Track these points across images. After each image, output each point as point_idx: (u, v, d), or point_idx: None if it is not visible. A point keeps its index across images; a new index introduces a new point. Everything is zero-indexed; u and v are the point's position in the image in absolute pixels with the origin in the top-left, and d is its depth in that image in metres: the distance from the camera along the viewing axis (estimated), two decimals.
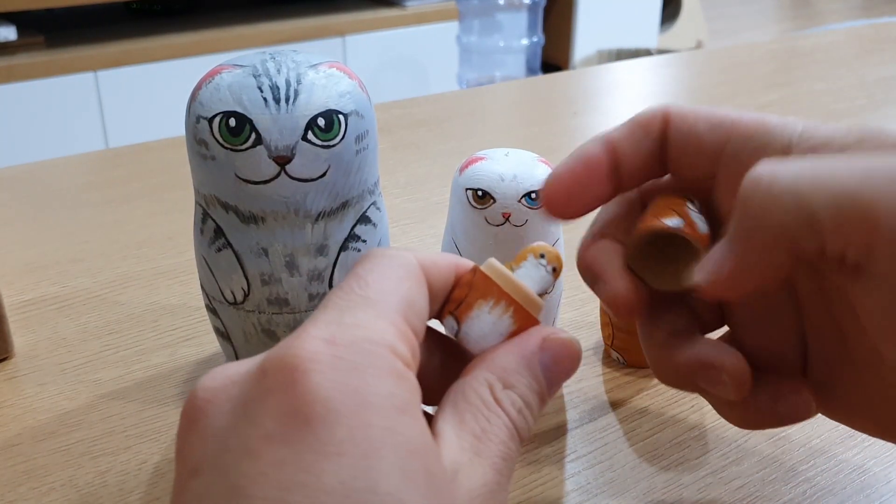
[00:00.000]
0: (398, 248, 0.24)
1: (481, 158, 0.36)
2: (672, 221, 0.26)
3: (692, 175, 0.28)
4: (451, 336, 0.24)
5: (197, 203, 0.35)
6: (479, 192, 0.35)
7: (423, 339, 0.23)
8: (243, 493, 0.19)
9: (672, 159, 0.28)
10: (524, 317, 0.24)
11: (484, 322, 0.24)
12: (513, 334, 0.24)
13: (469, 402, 0.22)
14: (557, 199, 0.28)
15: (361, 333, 0.21)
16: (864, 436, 0.36)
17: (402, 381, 0.21)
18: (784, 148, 0.25)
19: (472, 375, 0.23)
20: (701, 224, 0.26)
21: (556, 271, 0.25)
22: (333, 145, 0.32)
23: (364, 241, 0.35)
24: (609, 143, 0.28)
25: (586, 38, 2.58)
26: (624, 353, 0.41)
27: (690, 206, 0.27)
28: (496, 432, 0.22)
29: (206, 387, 0.21)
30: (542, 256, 0.25)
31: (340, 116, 0.32)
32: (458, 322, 0.24)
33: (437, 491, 0.20)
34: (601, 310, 0.42)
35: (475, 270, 0.25)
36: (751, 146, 0.26)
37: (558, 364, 0.24)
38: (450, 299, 0.24)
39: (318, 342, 0.20)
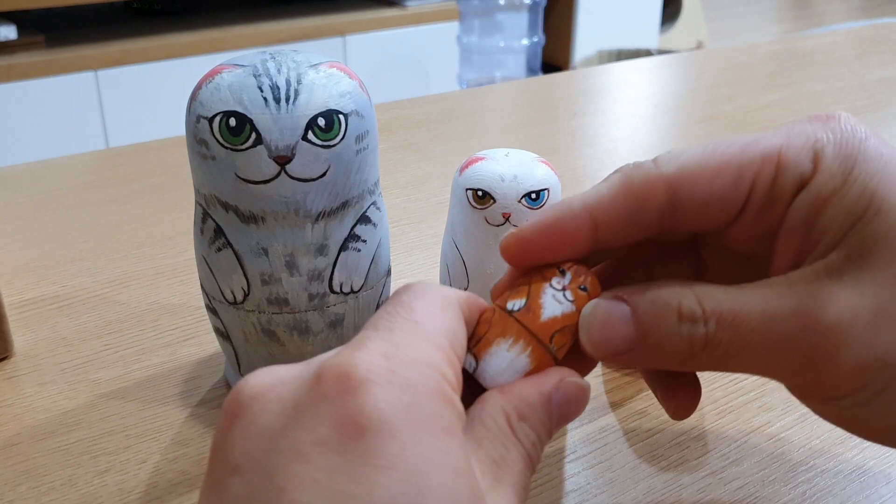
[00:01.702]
0: (436, 283, 0.24)
1: (481, 159, 0.36)
2: (514, 303, 0.25)
3: (702, 229, 0.26)
4: (469, 372, 0.25)
5: (197, 203, 0.35)
6: (480, 193, 0.35)
7: None
8: (289, 496, 0.19)
9: (682, 222, 0.25)
10: (542, 357, 0.24)
11: (502, 359, 0.24)
12: (529, 374, 0.24)
13: (487, 427, 0.23)
14: (518, 258, 0.26)
15: (413, 354, 0.21)
16: None
17: (449, 404, 0.21)
18: (798, 184, 0.24)
19: (490, 403, 0.23)
20: (550, 307, 0.25)
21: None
22: (333, 145, 0.32)
23: (364, 240, 0.35)
24: (592, 212, 0.25)
25: (586, 38, 2.58)
26: None
27: (556, 281, 0.25)
28: (514, 460, 0.22)
29: (253, 384, 0.21)
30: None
31: (341, 116, 0.32)
32: (476, 359, 0.24)
33: None
34: None
35: (495, 309, 0.25)
36: (773, 193, 0.25)
37: (569, 405, 0.24)
38: (471, 336, 0.25)
39: (375, 355, 0.21)
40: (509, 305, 0.25)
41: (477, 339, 0.25)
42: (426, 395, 0.20)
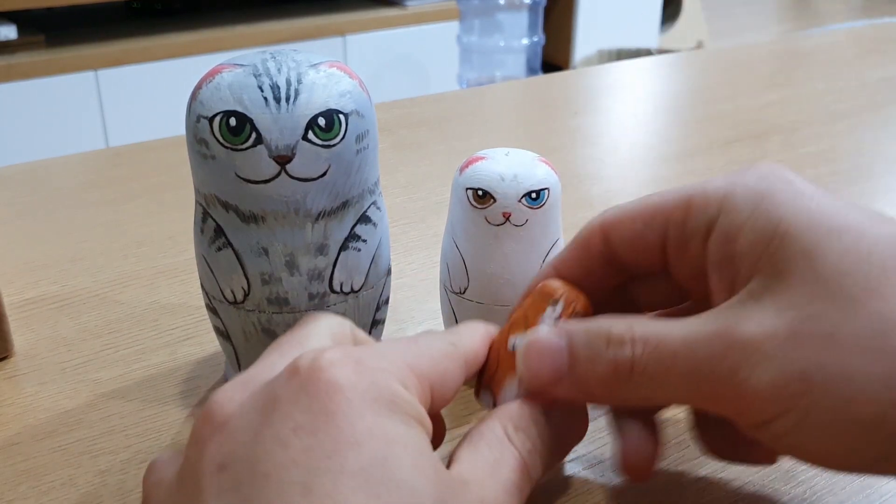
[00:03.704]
0: (454, 338, 0.27)
1: (482, 158, 0.36)
2: (513, 340, 0.29)
3: (648, 270, 0.29)
4: (489, 407, 0.29)
5: (197, 202, 0.35)
6: (480, 192, 0.35)
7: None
8: (273, 478, 0.20)
9: (624, 263, 0.29)
10: None
11: (514, 393, 0.28)
12: None
13: (483, 436, 0.25)
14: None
15: (378, 364, 0.23)
16: None
17: (408, 404, 0.23)
18: (707, 227, 0.26)
19: (487, 419, 0.26)
20: None
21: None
22: (334, 145, 0.32)
23: (364, 240, 0.35)
24: (559, 272, 0.30)
25: (587, 38, 2.58)
26: None
27: (550, 312, 0.29)
28: (509, 463, 0.25)
29: (230, 396, 0.23)
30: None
31: (341, 116, 0.32)
32: (494, 396, 0.29)
33: (446, 486, 0.22)
34: None
35: (501, 344, 0.29)
36: (685, 232, 0.27)
37: (566, 423, 0.28)
38: (484, 371, 0.29)
39: (344, 350, 0.23)
40: (510, 343, 0.28)
41: (490, 374, 0.29)
42: (389, 391, 0.23)
